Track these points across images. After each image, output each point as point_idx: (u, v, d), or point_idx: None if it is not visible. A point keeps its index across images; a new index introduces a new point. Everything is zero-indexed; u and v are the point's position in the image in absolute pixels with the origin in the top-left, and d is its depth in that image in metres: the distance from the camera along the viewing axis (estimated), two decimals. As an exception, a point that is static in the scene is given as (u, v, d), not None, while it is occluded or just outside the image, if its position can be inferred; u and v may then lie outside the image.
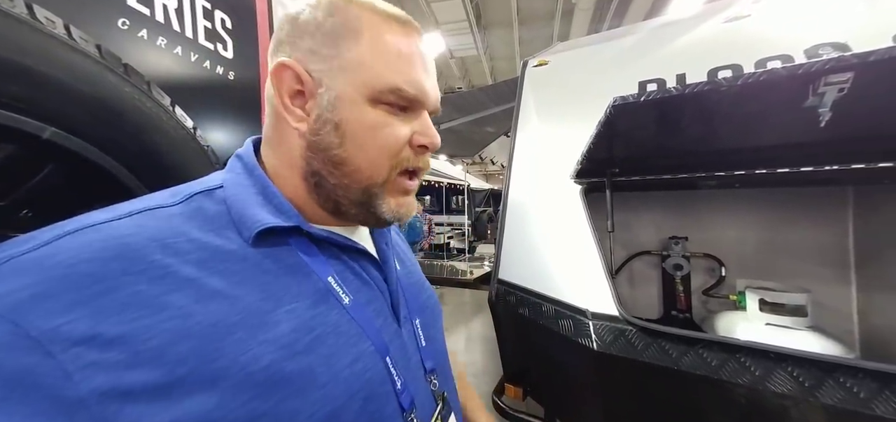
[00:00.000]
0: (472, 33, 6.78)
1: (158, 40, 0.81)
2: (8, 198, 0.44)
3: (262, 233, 0.28)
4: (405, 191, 0.34)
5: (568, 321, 0.90)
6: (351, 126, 0.30)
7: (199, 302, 0.23)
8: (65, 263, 0.20)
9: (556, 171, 1.17)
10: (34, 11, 0.44)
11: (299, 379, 0.25)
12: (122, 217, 0.25)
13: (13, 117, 0.40)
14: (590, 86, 1.27)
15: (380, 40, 0.30)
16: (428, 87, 0.33)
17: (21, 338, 0.18)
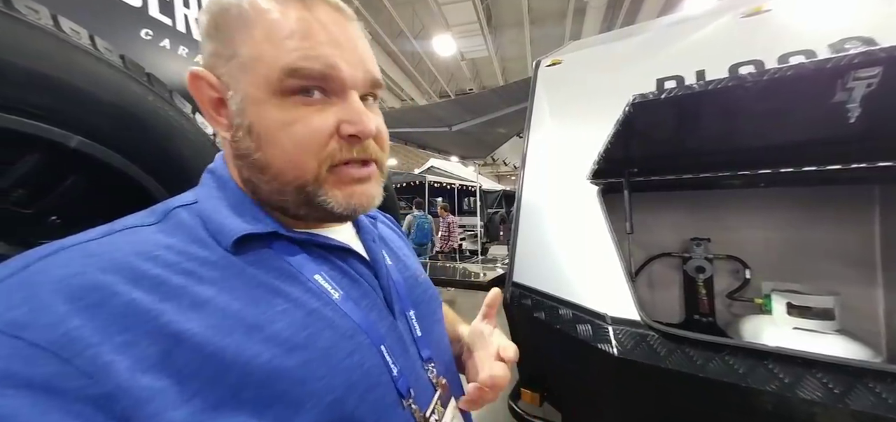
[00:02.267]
0: (482, 35, 6.78)
1: (180, 49, 0.85)
2: (36, 205, 0.47)
3: (242, 240, 0.28)
4: (351, 179, 0.30)
5: (586, 326, 0.89)
6: (262, 127, 0.28)
7: (192, 309, 0.24)
8: (56, 279, 0.21)
9: (572, 171, 1.16)
10: (59, 23, 0.46)
11: (299, 372, 0.25)
12: (99, 237, 0.25)
13: (40, 127, 0.42)
14: (605, 84, 1.25)
15: (269, 23, 0.27)
16: (341, 60, 0.28)
17: (31, 349, 0.18)
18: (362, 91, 0.31)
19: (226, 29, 0.28)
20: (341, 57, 0.28)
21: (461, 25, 6.62)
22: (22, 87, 0.41)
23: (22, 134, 0.41)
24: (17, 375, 0.18)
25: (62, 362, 0.19)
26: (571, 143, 1.23)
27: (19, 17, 0.41)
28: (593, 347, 0.85)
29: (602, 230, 0.98)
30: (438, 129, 3.92)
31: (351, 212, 0.31)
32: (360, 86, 0.30)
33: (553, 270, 1.08)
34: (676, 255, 1.36)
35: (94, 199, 0.51)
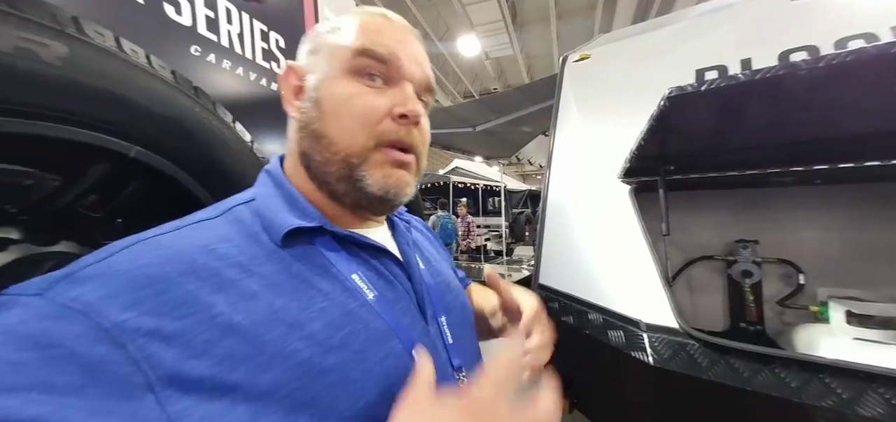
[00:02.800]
0: (507, 32, 6.70)
1: (224, 63, 0.93)
2: (104, 210, 0.53)
3: (290, 234, 0.30)
4: (394, 162, 0.33)
5: (618, 332, 0.85)
6: (327, 100, 0.33)
7: (241, 300, 0.25)
8: (126, 270, 0.23)
9: (601, 170, 1.12)
10: (122, 44, 0.52)
11: (334, 373, 0.26)
12: (170, 231, 0.28)
13: (107, 139, 0.48)
14: (638, 78, 1.19)
15: (353, 24, 0.35)
16: (403, 55, 0.34)
17: (95, 330, 0.20)
18: (417, 89, 0.35)
19: (322, 31, 0.36)
20: (403, 52, 0.34)
21: (486, 25, 6.59)
22: (92, 103, 0.46)
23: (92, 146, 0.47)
24: (79, 353, 0.19)
25: (117, 346, 0.20)
26: (601, 140, 1.19)
27: (89, 41, 0.47)
28: (626, 355, 0.81)
29: (635, 231, 0.94)
30: (462, 129, 3.93)
31: (384, 193, 0.33)
32: (416, 80, 0.35)
33: (581, 272, 1.04)
34: (719, 258, 1.27)
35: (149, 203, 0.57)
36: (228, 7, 0.95)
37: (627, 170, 1.00)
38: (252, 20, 1.02)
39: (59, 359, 0.19)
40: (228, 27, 0.95)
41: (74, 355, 0.19)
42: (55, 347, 0.19)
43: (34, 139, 0.43)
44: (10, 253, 0.46)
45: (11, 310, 0.20)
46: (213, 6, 0.91)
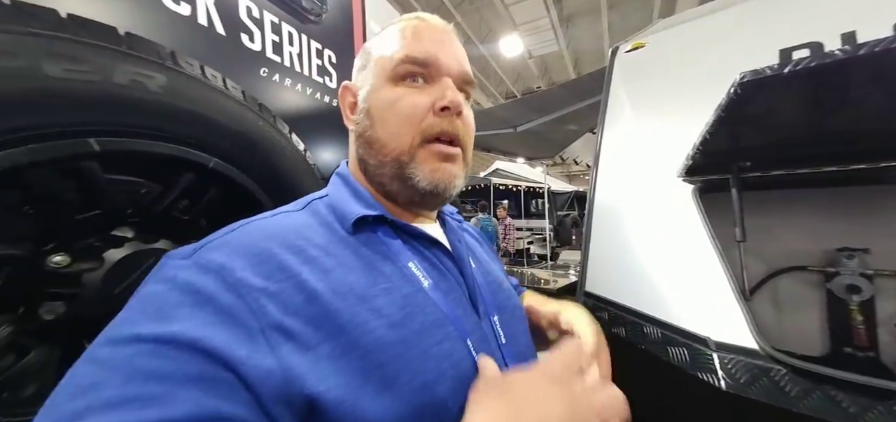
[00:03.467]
0: (552, 29, 6.44)
1: (285, 81, 1.04)
2: (192, 213, 0.62)
3: (357, 223, 0.34)
4: (440, 155, 0.35)
5: (680, 350, 0.75)
6: (376, 108, 0.36)
7: (321, 272, 0.29)
8: (240, 243, 0.29)
9: (657, 169, 1.01)
10: (205, 71, 0.60)
11: (398, 347, 0.28)
12: (268, 217, 0.33)
13: (193, 153, 0.56)
14: (703, 65, 1.06)
15: (392, 34, 0.38)
16: (440, 54, 0.36)
17: (224, 284, 0.25)
18: (457, 83, 0.37)
19: (368, 47, 0.40)
20: (441, 51, 0.37)
21: (529, 23, 6.41)
22: (183, 123, 0.55)
23: (182, 159, 0.55)
24: (213, 299, 0.25)
25: (239, 296, 0.25)
26: (656, 136, 1.07)
27: (181, 70, 0.56)
28: (692, 376, 0.72)
29: (700, 236, 0.83)
30: (502, 130, 3.86)
31: (433, 187, 0.35)
32: (454, 74, 0.37)
33: (634, 280, 0.95)
34: (815, 269, 1.06)
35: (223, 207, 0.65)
36: (290, 31, 1.06)
37: (690, 167, 0.88)
38: (309, 40, 1.12)
39: (204, 301, 0.24)
40: (290, 48, 1.06)
41: (213, 299, 0.25)
42: (200, 293, 0.25)
43: (145, 155, 0.52)
44: (126, 248, 0.56)
45: (170, 269, 0.26)
46: (278, 31, 1.02)
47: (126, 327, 0.23)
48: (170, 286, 0.25)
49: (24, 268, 0.45)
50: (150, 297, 0.25)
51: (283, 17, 1.03)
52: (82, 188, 0.48)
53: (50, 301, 0.48)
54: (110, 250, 0.55)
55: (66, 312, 0.49)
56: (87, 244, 0.52)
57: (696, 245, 0.83)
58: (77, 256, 0.50)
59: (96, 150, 0.46)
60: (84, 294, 0.50)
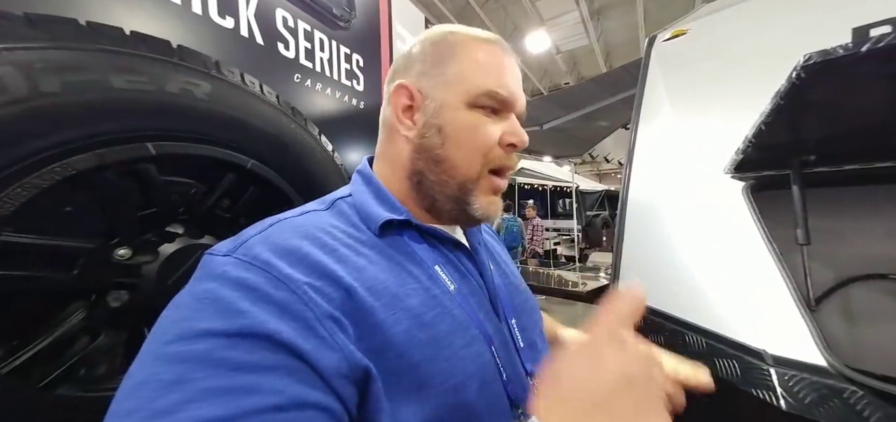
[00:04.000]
0: (582, 22, 6.20)
1: (316, 85, 1.08)
2: (233, 211, 0.66)
3: (383, 226, 0.34)
4: (494, 190, 0.37)
5: (730, 363, 0.68)
6: (451, 128, 0.35)
7: (354, 271, 0.29)
8: (277, 241, 0.29)
9: (699, 165, 0.94)
10: (244, 78, 0.64)
11: (429, 348, 0.28)
12: (298, 215, 0.34)
13: (234, 155, 0.60)
14: (756, 51, 0.96)
15: (474, 57, 0.37)
16: (516, 91, 0.37)
17: (274, 280, 0.26)
18: (519, 116, 0.39)
19: (437, 55, 0.37)
20: (516, 88, 0.38)
21: (556, 18, 6.22)
22: (225, 127, 0.59)
23: (224, 161, 0.60)
24: (269, 295, 0.25)
25: (290, 291, 0.26)
26: (699, 130, 0.99)
27: (223, 78, 0.60)
28: (744, 392, 0.65)
29: (752, 238, 0.75)
30: (528, 128, 3.76)
31: (486, 218, 0.37)
32: (518, 111, 0.39)
33: (674, 285, 0.89)
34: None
35: (259, 205, 0.69)
36: (322, 37, 1.10)
37: (740, 163, 0.80)
38: (339, 45, 1.17)
39: (260, 297, 0.25)
40: (321, 54, 1.10)
41: (268, 296, 0.25)
42: (254, 289, 0.25)
43: (193, 158, 0.56)
44: (177, 243, 0.62)
45: (218, 266, 0.27)
46: (310, 38, 1.06)
47: (191, 323, 0.23)
48: (221, 283, 0.25)
49: (94, 260, 0.51)
50: (204, 294, 0.25)
51: (315, 25, 1.08)
52: (142, 188, 0.53)
53: (116, 290, 0.54)
54: (164, 245, 0.60)
55: (129, 301, 0.55)
56: (145, 239, 0.57)
57: (747, 248, 0.76)
58: (137, 250, 0.56)
59: (153, 153, 0.51)
60: (143, 284, 0.55)
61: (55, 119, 0.41)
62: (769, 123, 0.63)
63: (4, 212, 0.38)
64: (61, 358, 0.49)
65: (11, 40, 0.38)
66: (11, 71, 0.37)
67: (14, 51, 0.38)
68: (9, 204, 0.38)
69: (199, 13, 0.78)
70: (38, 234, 0.45)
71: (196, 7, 0.78)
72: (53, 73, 0.40)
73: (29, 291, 0.46)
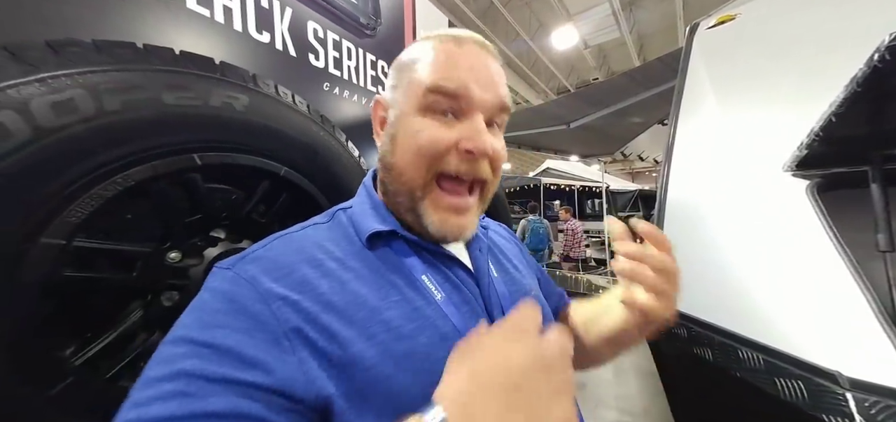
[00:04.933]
0: (613, 14, 5.92)
1: (344, 93, 1.12)
2: (268, 216, 0.69)
3: (372, 237, 0.35)
4: (449, 208, 0.34)
5: (794, 384, 0.61)
6: (400, 135, 0.35)
7: (337, 285, 0.31)
8: (271, 256, 0.31)
9: (750, 162, 0.85)
10: (278, 89, 0.67)
11: (404, 361, 0.29)
12: (298, 230, 0.36)
13: (269, 163, 0.63)
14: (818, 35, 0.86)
15: (428, 57, 0.34)
16: (473, 84, 0.33)
17: (256, 293, 0.28)
18: (489, 114, 0.35)
19: (401, 68, 0.37)
20: (475, 80, 0.34)
21: (585, 11, 5.99)
22: (262, 138, 0.62)
23: (260, 169, 0.63)
24: (248, 307, 0.28)
25: (266, 304, 0.28)
26: (749, 124, 0.90)
27: (259, 90, 0.63)
28: (813, 418, 0.57)
29: (820, 243, 0.66)
30: (554, 127, 3.66)
31: (442, 236, 0.35)
32: (487, 108, 0.34)
33: (723, 294, 0.81)
34: None
35: (292, 210, 0.72)
36: (349, 46, 1.14)
37: (803, 159, 0.72)
38: (365, 53, 1.20)
39: (238, 310, 0.27)
40: (348, 63, 1.14)
41: (245, 309, 0.28)
42: (235, 302, 0.28)
43: (234, 167, 0.60)
44: (220, 247, 0.66)
45: (217, 277, 0.30)
46: (339, 48, 1.10)
47: (181, 330, 0.27)
48: (213, 294, 0.29)
49: (150, 263, 0.55)
50: (199, 304, 0.29)
51: (343, 35, 1.11)
52: (189, 196, 0.57)
53: (168, 291, 0.58)
54: (208, 249, 0.64)
55: (179, 300, 0.59)
56: (192, 243, 0.61)
57: (813, 254, 0.67)
58: (186, 254, 0.60)
59: (198, 163, 0.55)
60: (191, 286, 0.59)
61: (117, 135, 0.45)
62: (842, 114, 0.56)
63: (77, 220, 0.43)
64: (123, 353, 0.53)
65: (83, 65, 0.42)
66: (82, 93, 0.41)
67: (84, 74, 0.42)
68: (80, 213, 0.43)
69: (239, 30, 0.84)
70: (104, 239, 0.49)
71: (237, 24, 0.83)
72: (115, 93, 0.44)
73: (96, 291, 0.51)
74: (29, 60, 0.38)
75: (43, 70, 0.38)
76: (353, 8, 1.14)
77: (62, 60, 0.40)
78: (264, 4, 0.89)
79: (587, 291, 3.46)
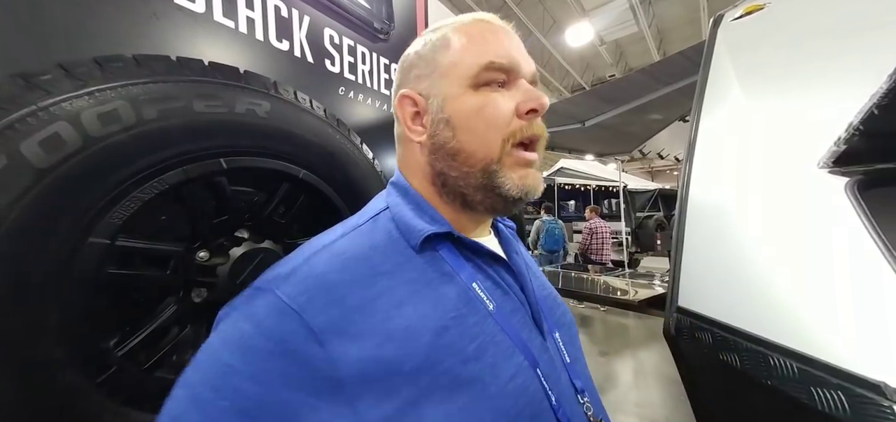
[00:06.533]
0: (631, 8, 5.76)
1: (359, 96, 1.14)
2: (287, 218, 0.72)
3: (423, 241, 0.32)
4: (525, 163, 0.35)
5: (833, 394, 0.57)
6: (459, 116, 0.34)
7: (394, 307, 0.28)
8: (318, 274, 0.28)
9: (781, 157, 0.81)
10: (297, 95, 0.70)
11: (473, 387, 0.27)
12: (339, 238, 0.32)
13: (288, 166, 0.65)
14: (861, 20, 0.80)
15: (464, 37, 0.35)
16: (517, 56, 0.35)
17: (306, 329, 0.25)
18: (530, 82, 0.37)
19: (427, 54, 0.37)
20: (516, 52, 0.36)
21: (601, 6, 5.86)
22: (281, 140, 0.65)
23: (280, 172, 0.65)
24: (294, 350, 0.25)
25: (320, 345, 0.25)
26: (779, 118, 0.86)
27: (279, 97, 0.66)
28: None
29: (862, 244, 0.62)
30: (568, 126, 3.59)
31: (523, 194, 0.35)
32: (529, 76, 0.37)
33: (752, 297, 0.77)
34: None
35: (309, 212, 0.75)
36: (364, 51, 1.17)
37: (842, 155, 0.67)
38: (378, 57, 1.22)
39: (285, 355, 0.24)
40: (363, 67, 1.17)
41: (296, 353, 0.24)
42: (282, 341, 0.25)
43: (257, 170, 0.63)
44: (244, 247, 0.69)
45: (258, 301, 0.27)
46: (354, 53, 1.13)
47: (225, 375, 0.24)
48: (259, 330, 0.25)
49: (182, 261, 0.59)
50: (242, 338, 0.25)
51: (358, 40, 1.14)
52: (216, 198, 0.61)
53: (198, 288, 0.62)
54: (233, 248, 0.67)
55: (207, 297, 0.62)
56: (219, 243, 0.65)
57: (854, 255, 0.63)
58: (213, 253, 0.63)
59: (225, 167, 0.58)
60: (218, 283, 0.63)
61: (154, 142, 0.48)
62: (886, 106, 0.53)
63: (119, 221, 0.46)
64: (158, 345, 0.57)
65: (124, 78, 0.46)
66: (125, 104, 0.44)
67: (126, 86, 0.45)
68: (122, 214, 0.46)
69: (260, 39, 0.88)
70: (142, 239, 0.53)
71: (259, 34, 0.87)
72: (153, 103, 0.48)
73: (135, 288, 0.55)
74: (79, 76, 0.42)
75: (91, 84, 0.42)
76: (367, 13, 1.17)
77: (107, 75, 0.44)
78: (284, 14, 0.93)
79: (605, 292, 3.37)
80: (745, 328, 0.76)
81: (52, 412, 0.42)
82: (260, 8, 0.87)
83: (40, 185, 0.38)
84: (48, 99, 0.39)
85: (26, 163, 0.37)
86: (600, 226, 4.72)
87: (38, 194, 0.38)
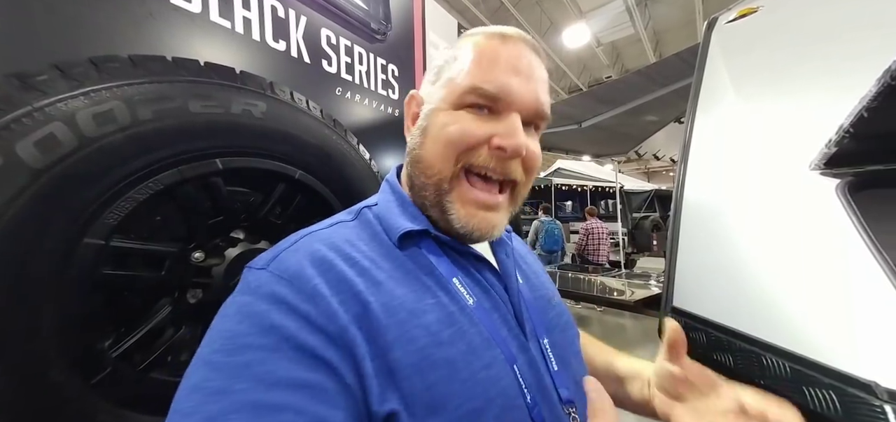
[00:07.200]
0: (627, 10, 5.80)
1: (355, 97, 1.14)
2: (284, 217, 0.72)
3: (403, 236, 0.33)
4: (476, 203, 0.33)
5: (825, 393, 0.58)
6: (431, 128, 0.35)
7: (373, 286, 0.29)
8: (306, 252, 0.30)
9: (772, 160, 0.82)
10: (293, 95, 0.70)
11: (445, 368, 0.27)
12: (326, 228, 0.34)
13: (285, 166, 0.65)
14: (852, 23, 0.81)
15: (470, 54, 0.34)
16: (514, 85, 0.33)
17: (300, 293, 0.27)
18: (527, 116, 0.34)
19: (441, 63, 0.38)
20: (514, 82, 0.33)
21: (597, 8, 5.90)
22: (277, 141, 0.65)
23: (277, 172, 0.65)
24: (296, 307, 0.26)
25: (314, 304, 0.27)
26: (771, 119, 0.87)
27: (276, 97, 0.66)
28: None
29: (852, 245, 0.63)
30: (564, 127, 3.60)
31: (468, 232, 0.34)
32: (526, 109, 0.34)
33: (745, 297, 0.78)
34: None
35: (306, 211, 0.75)
36: (361, 51, 1.17)
37: (833, 157, 0.69)
38: (375, 57, 1.22)
39: (289, 310, 0.26)
40: (360, 68, 1.17)
41: (296, 308, 0.26)
42: (282, 301, 0.27)
43: (252, 170, 0.63)
44: (239, 247, 0.69)
45: (253, 278, 0.29)
46: (351, 53, 1.13)
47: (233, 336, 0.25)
48: (256, 296, 0.27)
49: (177, 262, 0.59)
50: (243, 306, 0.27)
51: (355, 41, 1.15)
52: (211, 199, 0.61)
53: (193, 288, 0.62)
54: (229, 249, 0.67)
55: (203, 297, 0.62)
56: (214, 244, 0.65)
57: (845, 256, 0.64)
58: (209, 253, 0.63)
59: (220, 167, 0.58)
60: (213, 284, 0.63)
61: (149, 142, 0.48)
62: (876, 108, 0.54)
63: (114, 222, 0.46)
64: (153, 346, 0.57)
65: (120, 78, 0.46)
66: (120, 104, 0.44)
67: (122, 87, 0.45)
68: (117, 215, 0.46)
69: (257, 40, 0.88)
70: (137, 239, 0.53)
71: (255, 35, 0.87)
72: (148, 104, 0.48)
73: (130, 289, 0.55)
74: (74, 76, 0.42)
75: (87, 85, 0.42)
76: (364, 14, 1.17)
77: (103, 75, 0.44)
78: (281, 14, 0.93)
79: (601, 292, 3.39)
80: (738, 328, 0.77)
81: (47, 414, 0.42)
82: (256, 8, 0.87)
83: (35, 185, 0.38)
84: (44, 99, 0.39)
85: (22, 163, 0.37)
86: (597, 227, 4.73)
87: (33, 195, 0.38)
